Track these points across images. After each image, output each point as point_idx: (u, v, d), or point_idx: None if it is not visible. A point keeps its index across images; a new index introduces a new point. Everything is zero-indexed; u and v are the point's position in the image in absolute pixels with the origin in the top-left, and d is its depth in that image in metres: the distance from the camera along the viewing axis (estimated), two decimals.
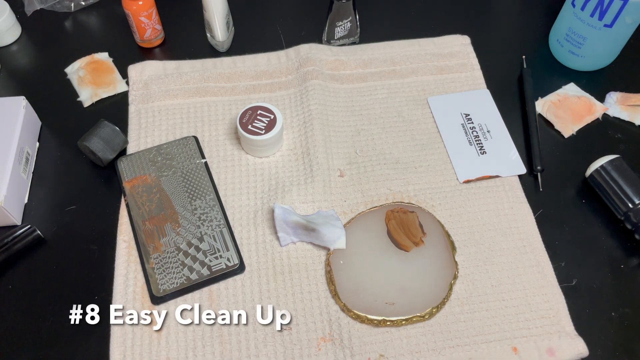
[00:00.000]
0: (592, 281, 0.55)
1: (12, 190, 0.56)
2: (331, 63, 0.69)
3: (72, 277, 0.54)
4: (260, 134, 0.58)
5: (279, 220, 0.54)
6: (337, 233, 0.54)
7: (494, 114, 0.66)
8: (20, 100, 0.61)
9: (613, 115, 0.67)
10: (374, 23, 0.76)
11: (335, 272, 0.53)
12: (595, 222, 0.59)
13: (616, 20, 0.63)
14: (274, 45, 0.72)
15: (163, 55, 0.72)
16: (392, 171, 0.61)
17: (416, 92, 0.68)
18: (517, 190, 0.60)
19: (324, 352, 0.50)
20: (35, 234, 0.55)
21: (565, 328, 0.52)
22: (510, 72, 0.71)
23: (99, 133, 0.59)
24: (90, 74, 0.68)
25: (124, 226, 0.56)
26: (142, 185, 0.59)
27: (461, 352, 0.50)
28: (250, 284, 0.54)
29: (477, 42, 0.73)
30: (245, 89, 0.67)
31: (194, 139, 0.62)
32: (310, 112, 0.64)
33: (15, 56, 0.71)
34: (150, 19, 0.68)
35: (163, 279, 0.53)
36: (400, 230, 0.56)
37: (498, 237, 0.57)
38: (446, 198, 0.59)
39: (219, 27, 0.68)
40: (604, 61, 0.71)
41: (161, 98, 0.66)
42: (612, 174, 0.57)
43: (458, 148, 0.63)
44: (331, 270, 0.54)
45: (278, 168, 0.61)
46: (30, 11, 0.75)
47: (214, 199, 0.58)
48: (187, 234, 0.56)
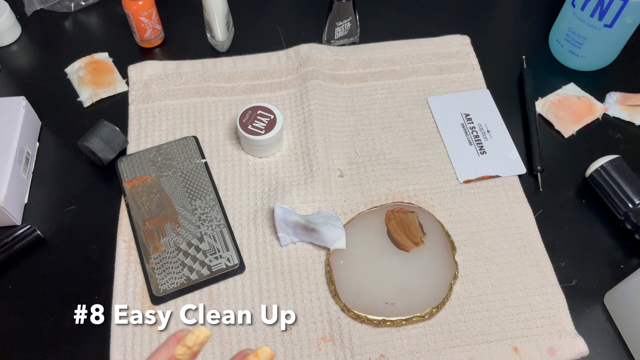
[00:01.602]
0: (592, 281, 0.55)
1: (12, 190, 0.56)
2: (331, 63, 0.69)
3: (72, 277, 0.54)
4: (260, 134, 0.58)
5: (279, 220, 0.54)
6: (337, 233, 0.54)
7: (494, 114, 0.66)
8: (20, 100, 0.61)
9: (613, 115, 0.67)
10: (374, 23, 0.76)
11: (335, 272, 0.53)
12: (595, 222, 0.59)
13: (616, 20, 0.63)
14: (274, 45, 0.72)
15: (163, 55, 0.72)
16: (392, 171, 0.61)
17: (416, 92, 0.68)
18: (517, 190, 0.60)
19: (324, 352, 0.50)
20: (35, 234, 0.55)
21: (565, 328, 0.52)
22: (510, 72, 0.71)
23: (99, 133, 0.59)
24: (90, 74, 0.68)
25: (124, 226, 0.56)
26: (142, 185, 0.59)
27: (461, 352, 0.50)
28: (250, 284, 0.54)
29: (477, 42, 0.73)
30: (245, 89, 0.67)
31: (194, 139, 0.62)
32: (310, 112, 0.64)
33: (15, 56, 0.71)
34: (150, 19, 0.68)
35: (163, 279, 0.53)
36: (400, 230, 0.56)
37: (498, 237, 0.57)
38: (446, 198, 0.59)
39: (219, 27, 0.68)
40: (604, 61, 0.71)
41: (161, 98, 0.66)
42: (612, 174, 0.57)
43: (458, 148, 0.63)
44: (331, 270, 0.54)
45: (278, 168, 0.61)
46: (30, 11, 0.75)
47: (214, 199, 0.58)
48: (187, 234, 0.55)
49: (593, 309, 0.53)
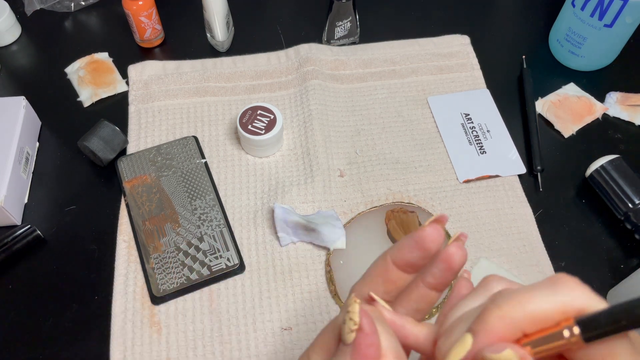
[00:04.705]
0: (592, 281, 0.55)
1: (12, 190, 0.56)
2: (331, 63, 0.69)
3: (72, 277, 0.54)
4: (260, 134, 0.58)
5: (279, 220, 0.54)
6: (337, 233, 0.54)
7: (494, 113, 0.66)
8: (20, 100, 0.61)
9: (613, 115, 0.67)
10: (374, 23, 0.76)
11: (335, 272, 0.53)
12: (595, 222, 0.59)
13: (616, 20, 0.63)
14: (274, 45, 0.72)
15: (163, 55, 0.72)
16: (392, 171, 0.61)
17: (416, 92, 0.68)
18: (517, 190, 0.60)
19: None
20: (35, 234, 0.55)
21: None
22: (510, 72, 0.71)
23: (99, 133, 0.59)
24: (90, 74, 0.68)
25: (124, 226, 0.56)
26: (142, 185, 0.59)
27: None
28: (250, 284, 0.54)
29: (477, 42, 0.73)
30: (245, 89, 0.67)
31: (194, 139, 0.62)
32: (310, 112, 0.64)
33: (15, 56, 0.71)
34: (150, 19, 0.68)
35: (163, 279, 0.53)
36: (400, 230, 0.56)
37: (498, 237, 0.57)
38: (446, 198, 0.59)
39: (219, 27, 0.68)
40: (604, 61, 0.71)
41: (161, 98, 0.66)
42: (612, 174, 0.57)
43: (458, 148, 0.63)
44: (331, 270, 0.54)
45: (278, 168, 0.61)
46: (30, 11, 0.75)
47: (214, 199, 0.58)
48: (187, 234, 0.55)
49: None
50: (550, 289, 0.21)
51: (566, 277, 0.21)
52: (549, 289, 0.21)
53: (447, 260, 0.26)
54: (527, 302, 0.21)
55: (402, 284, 0.27)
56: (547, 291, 0.21)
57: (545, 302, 0.21)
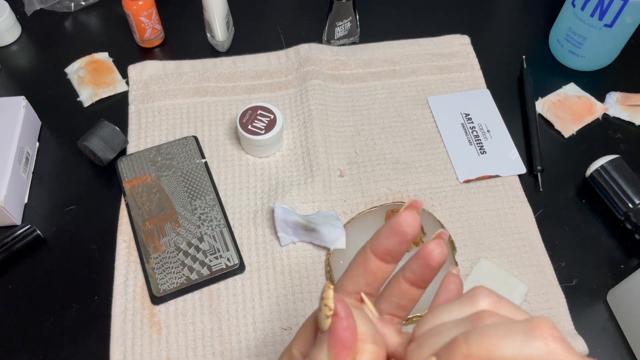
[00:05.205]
0: (592, 281, 0.55)
1: (12, 190, 0.56)
2: (331, 63, 0.69)
3: (72, 277, 0.54)
4: (260, 134, 0.58)
5: (279, 220, 0.54)
6: (337, 233, 0.54)
7: (494, 113, 0.66)
8: (20, 100, 0.61)
9: (613, 115, 0.67)
10: (374, 23, 0.76)
11: (335, 272, 0.53)
12: (595, 222, 0.59)
13: (616, 20, 0.63)
14: (274, 45, 0.72)
15: (163, 55, 0.72)
16: (392, 171, 0.61)
17: (416, 92, 0.68)
18: (517, 190, 0.60)
19: None
20: (35, 234, 0.55)
21: (565, 327, 0.52)
22: (510, 72, 0.71)
23: (99, 133, 0.59)
24: (90, 74, 0.68)
25: (124, 226, 0.56)
26: (142, 185, 0.59)
27: None
28: (250, 284, 0.54)
29: (477, 42, 0.73)
30: (245, 89, 0.67)
31: (194, 139, 0.62)
32: (310, 112, 0.64)
33: (15, 56, 0.71)
34: (150, 19, 0.68)
35: (163, 279, 0.53)
36: None
37: (498, 237, 0.57)
38: (446, 198, 0.59)
39: (219, 27, 0.68)
40: (604, 61, 0.71)
41: (161, 98, 0.66)
42: (612, 174, 0.57)
43: (458, 148, 0.63)
44: (331, 270, 0.54)
45: (278, 168, 0.61)
46: (30, 11, 0.75)
47: (214, 199, 0.58)
48: (187, 234, 0.55)
49: (593, 309, 0.53)
50: (525, 337, 0.20)
51: (546, 327, 0.20)
52: (524, 337, 0.20)
53: (425, 257, 0.26)
54: (496, 347, 0.20)
55: (383, 275, 0.27)
56: (521, 338, 0.20)
57: (515, 352, 0.20)
